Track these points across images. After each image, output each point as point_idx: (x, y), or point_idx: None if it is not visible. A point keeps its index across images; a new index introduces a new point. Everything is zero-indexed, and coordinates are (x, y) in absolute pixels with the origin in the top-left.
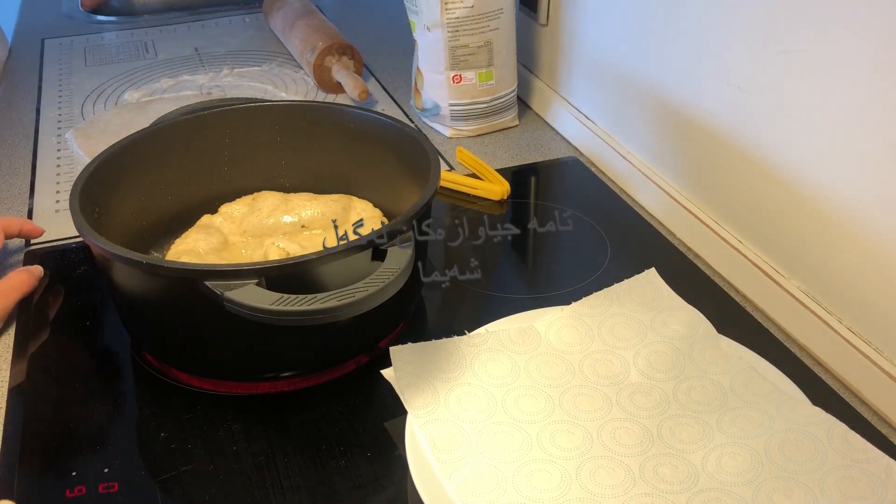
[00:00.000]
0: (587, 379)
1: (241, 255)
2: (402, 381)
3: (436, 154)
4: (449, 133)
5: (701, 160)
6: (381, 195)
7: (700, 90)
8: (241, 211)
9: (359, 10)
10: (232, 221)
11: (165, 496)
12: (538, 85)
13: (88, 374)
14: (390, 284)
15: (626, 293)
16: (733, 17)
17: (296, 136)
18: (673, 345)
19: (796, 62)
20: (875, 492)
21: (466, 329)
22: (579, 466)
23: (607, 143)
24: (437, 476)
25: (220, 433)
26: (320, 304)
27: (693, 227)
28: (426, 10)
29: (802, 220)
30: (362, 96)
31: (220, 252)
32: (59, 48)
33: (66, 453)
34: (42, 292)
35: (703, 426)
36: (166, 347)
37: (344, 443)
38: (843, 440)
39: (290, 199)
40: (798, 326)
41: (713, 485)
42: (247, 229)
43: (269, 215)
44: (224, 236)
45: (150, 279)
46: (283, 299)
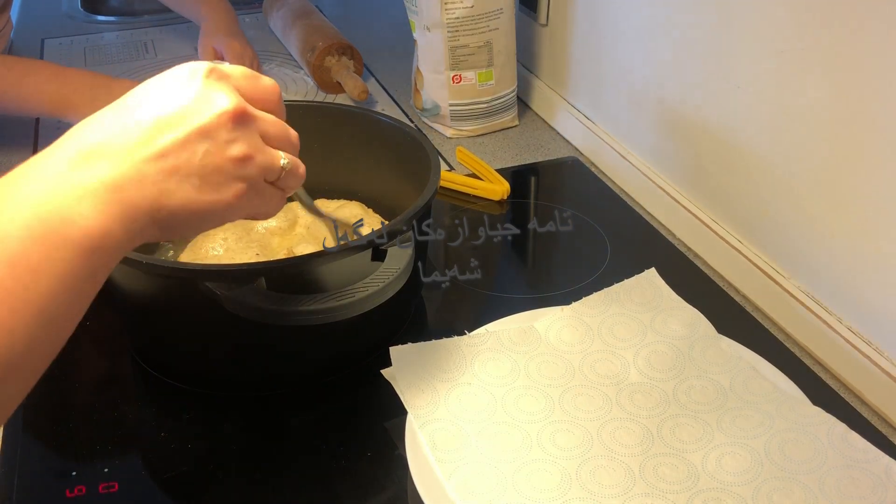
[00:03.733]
0: (587, 379)
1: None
2: (402, 381)
3: (436, 154)
4: (449, 133)
5: (701, 160)
6: (381, 195)
7: (700, 90)
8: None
9: (359, 10)
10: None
11: (165, 496)
12: (538, 85)
13: (88, 374)
14: (390, 284)
15: (626, 293)
16: (733, 18)
17: None
18: (673, 345)
19: (796, 62)
20: (875, 492)
21: (466, 329)
22: (579, 466)
23: (607, 143)
24: (437, 476)
25: (220, 433)
26: (320, 304)
27: (693, 227)
28: (426, 11)
29: (803, 220)
30: (362, 96)
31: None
32: (59, 48)
33: (66, 453)
34: None
35: (703, 426)
36: (166, 348)
37: (344, 443)
38: (843, 440)
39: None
40: (798, 326)
41: (713, 484)
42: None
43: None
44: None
45: (150, 279)
46: (283, 299)
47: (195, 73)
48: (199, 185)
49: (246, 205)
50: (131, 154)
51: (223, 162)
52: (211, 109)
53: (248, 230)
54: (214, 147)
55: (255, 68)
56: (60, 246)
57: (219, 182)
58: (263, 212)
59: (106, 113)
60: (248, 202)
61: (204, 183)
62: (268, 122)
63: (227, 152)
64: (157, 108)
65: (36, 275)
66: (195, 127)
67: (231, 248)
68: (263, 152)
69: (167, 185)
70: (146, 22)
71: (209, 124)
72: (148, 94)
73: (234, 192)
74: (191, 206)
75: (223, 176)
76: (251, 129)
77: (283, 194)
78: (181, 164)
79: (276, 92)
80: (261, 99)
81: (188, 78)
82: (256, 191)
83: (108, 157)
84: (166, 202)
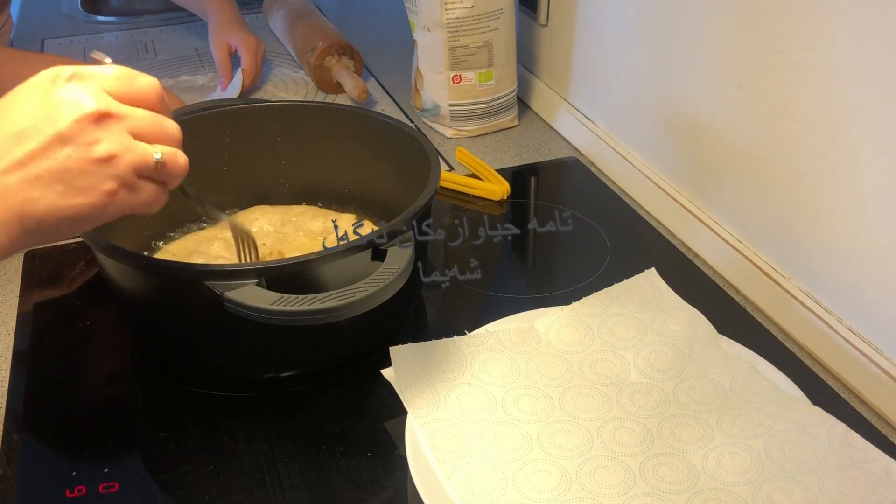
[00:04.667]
0: (587, 379)
1: None
2: (402, 381)
3: (436, 154)
4: (449, 133)
5: (701, 160)
6: (381, 195)
7: (700, 90)
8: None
9: (359, 10)
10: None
11: (165, 496)
12: (538, 85)
13: (88, 374)
14: (390, 284)
15: (626, 293)
16: (733, 18)
17: (295, 137)
18: (673, 345)
19: (796, 62)
20: (875, 492)
21: (466, 329)
22: (579, 466)
23: (607, 143)
24: (437, 476)
25: (220, 433)
26: (320, 304)
27: (693, 227)
28: (426, 11)
29: (803, 220)
30: (362, 96)
31: None
32: (59, 48)
33: (66, 453)
34: (42, 292)
35: (703, 426)
36: (166, 348)
37: (344, 443)
38: (843, 440)
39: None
40: (798, 326)
41: (713, 484)
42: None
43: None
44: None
45: (150, 279)
46: (283, 299)
47: (57, 79)
48: (62, 190)
49: (121, 202)
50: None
51: (87, 165)
52: (69, 114)
53: None
54: (76, 151)
55: (261, 57)
56: None
57: (84, 185)
58: (143, 208)
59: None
60: (122, 200)
61: (68, 188)
62: (138, 118)
63: (89, 154)
64: (17, 118)
65: None
66: (53, 133)
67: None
68: (132, 149)
69: (30, 193)
70: (146, 22)
71: (67, 129)
72: (10, 105)
73: (103, 192)
74: (57, 211)
75: (89, 178)
76: (116, 129)
77: (163, 188)
78: (42, 172)
79: (153, 88)
80: (136, 97)
81: (49, 84)
82: (130, 188)
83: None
84: (31, 210)
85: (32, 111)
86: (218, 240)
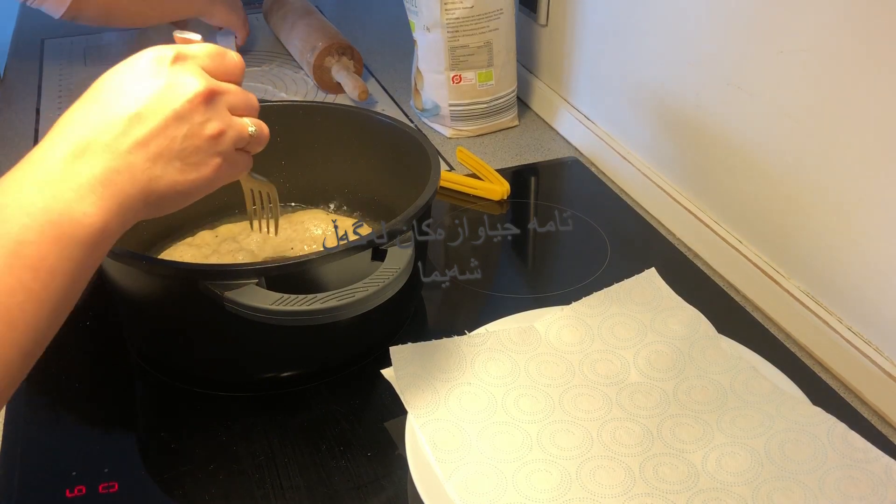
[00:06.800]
0: (587, 379)
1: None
2: (402, 381)
3: (436, 154)
4: (449, 133)
5: (701, 160)
6: (381, 195)
7: (700, 90)
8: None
9: (359, 10)
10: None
11: (165, 496)
12: (538, 85)
13: (88, 374)
14: (390, 284)
15: (626, 293)
16: (733, 17)
17: (295, 137)
18: (673, 345)
19: (796, 62)
20: (875, 492)
21: (466, 329)
22: (579, 466)
23: (607, 143)
24: (437, 476)
25: (220, 433)
26: (320, 304)
27: (693, 227)
28: (426, 11)
29: (802, 221)
30: (362, 96)
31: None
32: (59, 48)
33: (66, 453)
34: None
35: (703, 426)
36: (166, 348)
37: (344, 443)
38: (843, 440)
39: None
40: (798, 326)
41: (713, 484)
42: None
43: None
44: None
45: (149, 279)
46: (283, 299)
47: (162, 60)
48: (181, 167)
49: (223, 175)
50: (117, 146)
51: (201, 142)
52: (183, 94)
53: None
54: (191, 129)
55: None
56: (72, 245)
57: (198, 161)
58: (235, 177)
59: (87, 107)
60: (224, 173)
61: (185, 164)
62: (233, 93)
63: (203, 132)
64: (134, 99)
65: (53, 275)
66: (171, 113)
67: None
68: (233, 125)
69: (154, 171)
70: None
71: (183, 109)
72: (122, 86)
73: (213, 167)
74: (177, 186)
75: (202, 154)
76: (220, 106)
77: (249, 157)
78: (163, 149)
79: (239, 64)
80: (226, 73)
81: (157, 66)
82: (230, 161)
83: (97, 152)
84: (155, 187)
85: (146, 92)
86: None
